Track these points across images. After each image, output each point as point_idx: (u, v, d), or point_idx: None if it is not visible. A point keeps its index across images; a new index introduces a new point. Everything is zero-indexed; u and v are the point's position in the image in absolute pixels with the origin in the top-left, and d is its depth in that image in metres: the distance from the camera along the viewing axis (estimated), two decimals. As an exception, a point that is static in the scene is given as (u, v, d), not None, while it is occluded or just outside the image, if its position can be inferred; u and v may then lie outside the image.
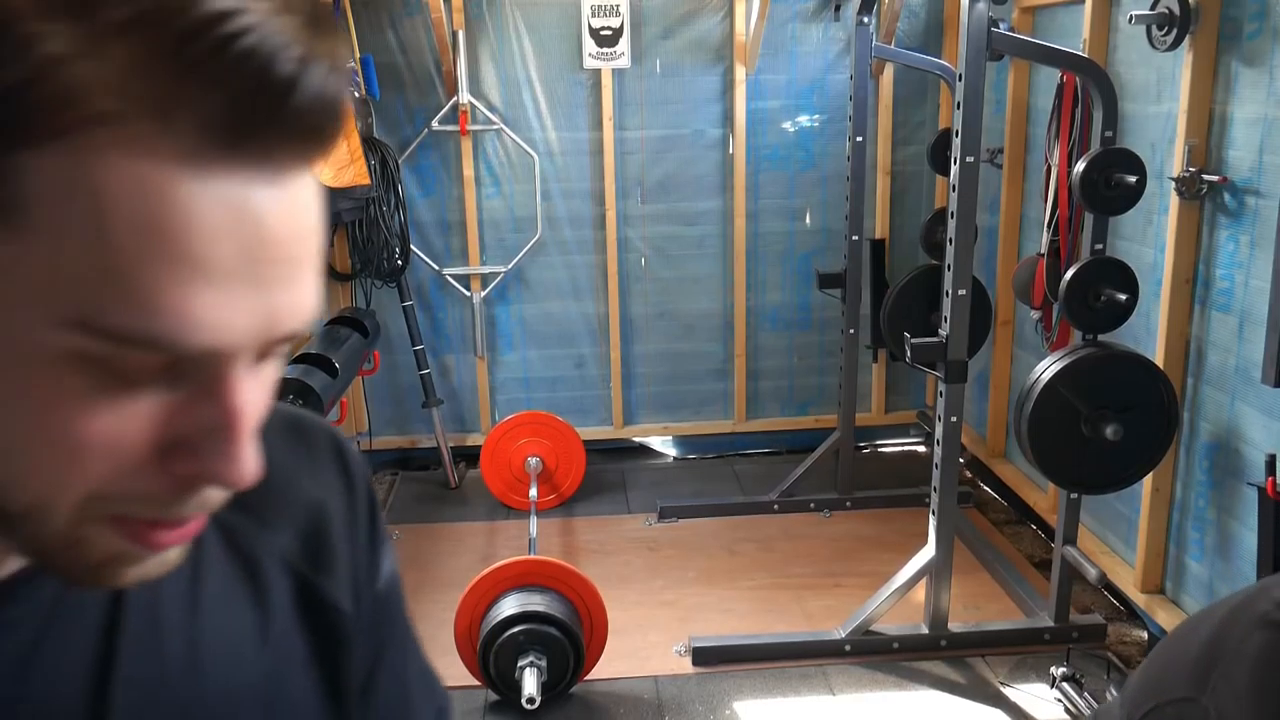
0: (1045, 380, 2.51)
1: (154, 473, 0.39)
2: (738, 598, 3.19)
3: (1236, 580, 2.53)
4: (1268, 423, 2.39)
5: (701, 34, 3.91)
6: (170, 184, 0.35)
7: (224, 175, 0.36)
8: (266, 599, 0.54)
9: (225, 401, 0.39)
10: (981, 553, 3.19)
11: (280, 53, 0.35)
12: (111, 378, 0.37)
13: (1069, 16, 3.21)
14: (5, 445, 0.38)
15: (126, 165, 0.34)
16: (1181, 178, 2.54)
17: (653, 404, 4.27)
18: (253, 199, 0.37)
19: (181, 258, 0.35)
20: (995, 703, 2.65)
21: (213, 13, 0.34)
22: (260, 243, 0.37)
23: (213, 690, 0.51)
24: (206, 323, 0.37)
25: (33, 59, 0.33)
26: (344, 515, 0.59)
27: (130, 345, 0.36)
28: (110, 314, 0.35)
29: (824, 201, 4.10)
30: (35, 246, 0.35)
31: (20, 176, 0.34)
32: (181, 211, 0.35)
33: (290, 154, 0.38)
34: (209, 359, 0.38)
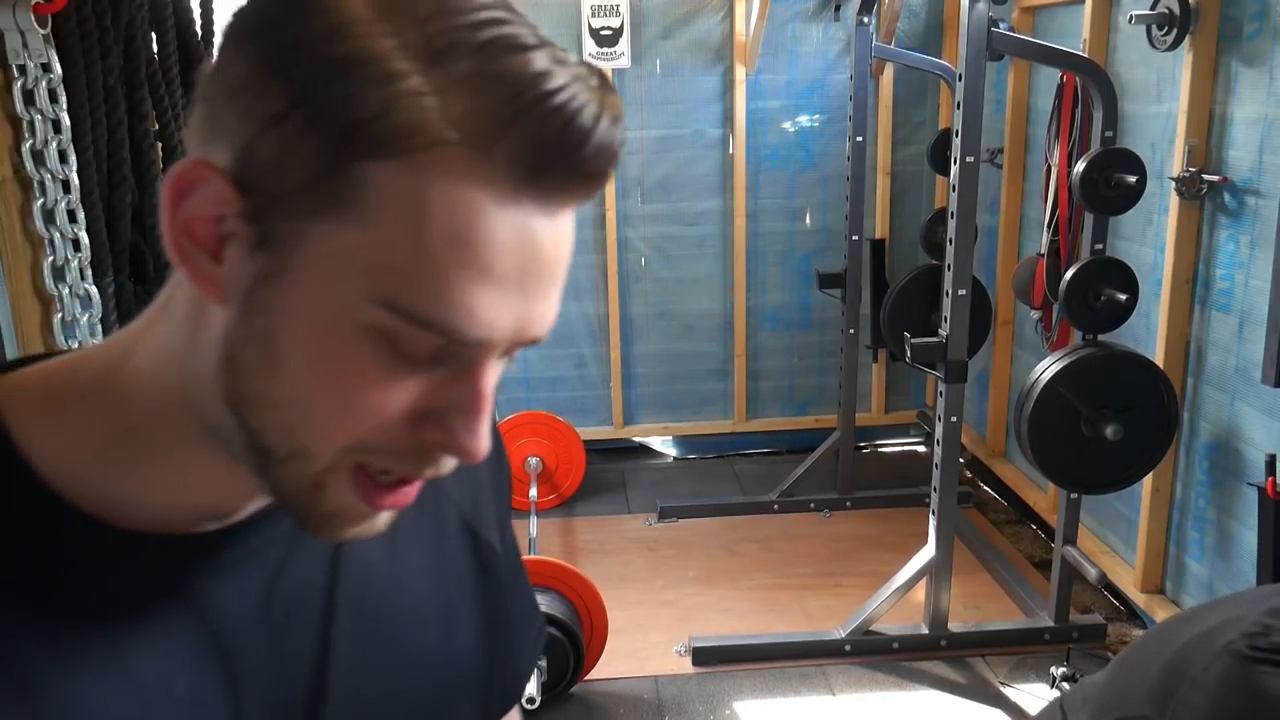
0: (1045, 380, 2.51)
1: (404, 436, 0.47)
2: (738, 598, 3.19)
3: (1237, 580, 2.53)
4: (1268, 423, 2.39)
5: (701, 34, 3.91)
6: (479, 203, 0.43)
7: (519, 203, 0.44)
8: (444, 542, 0.67)
9: (476, 385, 0.47)
10: (981, 553, 3.19)
11: (582, 110, 0.43)
12: (396, 353, 0.45)
13: (1069, 16, 3.21)
14: (296, 395, 0.46)
15: (449, 184, 0.43)
16: (1181, 178, 2.54)
17: (653, 404, 4.27)
18: (535, 225, 0.45)
19: (475, 263, 0.44)
20: (995, 703, 2.65)
21: (536, 73, 0.43)
22: (533, 261, 0.46)
23: (407, 606, 0.63)
24: (482, 319, 0.45)
25: (392, 91, 0.42)
26: (492, 475, 0.72)
27: (420, 327, 0.44)
28: (412, 299, 0.44)
29: (824, 201, 4.10)
30: (367, 236, 0.43)
31: (367, 180, 0.43)
32: (483, 226, 0.44)
33: (571, 192, 0.46)
34: (474, 348, 0.46)
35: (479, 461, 0.49)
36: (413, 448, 0.48)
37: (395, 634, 0.62)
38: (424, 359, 0.46)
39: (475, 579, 0.68)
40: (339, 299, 0.44)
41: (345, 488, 0.49)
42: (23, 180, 1.55)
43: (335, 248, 0.44)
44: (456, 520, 0.68)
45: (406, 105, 0.42)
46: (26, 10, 1.45)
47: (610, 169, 0.46)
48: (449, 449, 0.48)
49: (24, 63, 1.49)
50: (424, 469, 0.49)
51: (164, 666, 0.51)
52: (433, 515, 0.66)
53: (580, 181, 0.45)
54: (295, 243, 0.44)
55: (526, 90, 0.43)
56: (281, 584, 0.56)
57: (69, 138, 1.54)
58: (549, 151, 0.44)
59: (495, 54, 0.43)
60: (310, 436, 0.47)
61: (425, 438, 0.48)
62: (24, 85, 1.50)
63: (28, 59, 1.49)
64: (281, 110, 0.43)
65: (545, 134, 0.43)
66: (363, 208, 0.43)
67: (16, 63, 1.49)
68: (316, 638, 0.58)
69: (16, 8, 1.45)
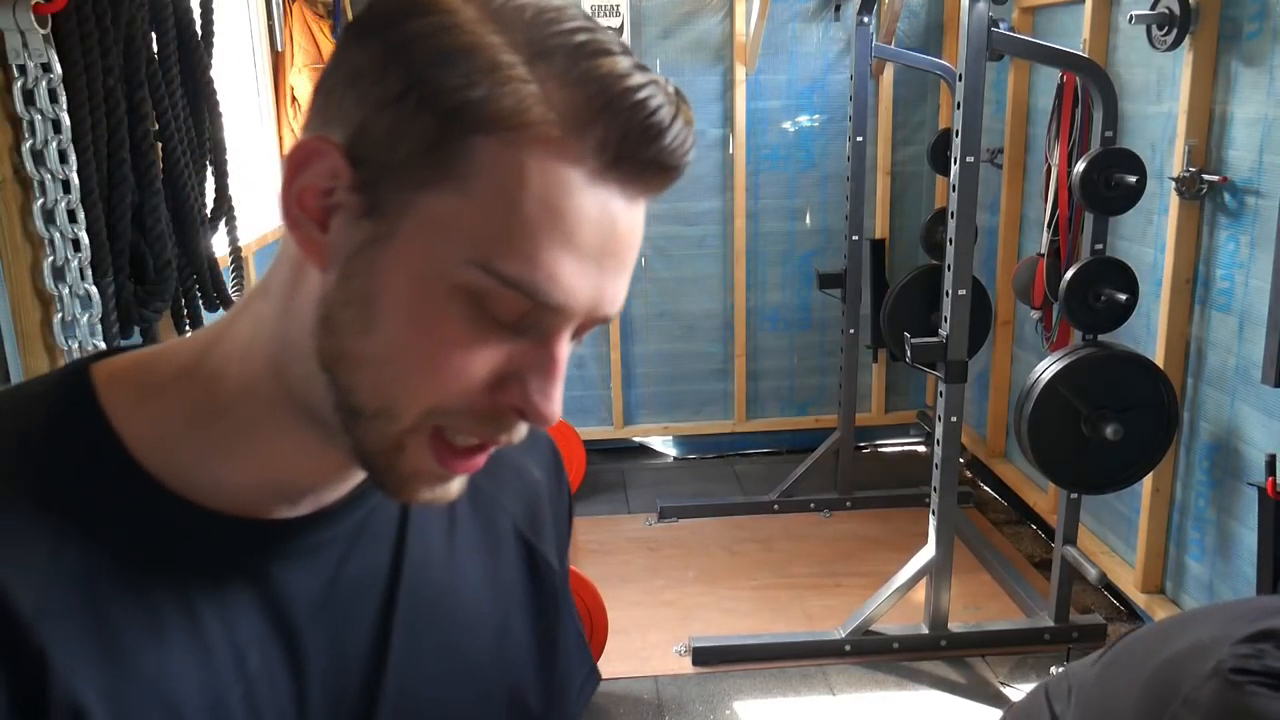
0: (1045, 380, 2.51)
1: (483, 399, 0.51)
2: (738, 598, 3.19)
3: (1237, 580, 2.53)
4: (1268, 423, 2.39)
5: (701, 34, 3.91)
6: (569, 179, 0.48)
7: (604, 184, 0.49)
8: (498, 550, 0.69)
9: (553, 351, 0.52)
10: (981, 553, 3.19)
11: (661, 108, 0.49)
12: (483, 315, 0.49)
13: (1069, 16, 3.21)
14: (388, 353, 0.50)
15: (544, 159, 0.48)
16: (1181, 178, 2.54)
17: (653, 404, 4.27)
18: (615, 207, 0.50)
19: (563, 232, 0.48)
20: (995, 703, 2.65)
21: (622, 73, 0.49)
22: (611, 239, 0.50)
23: (462, 608, 0.65)
24: (565, 284, 0.49)
25: (500, 76, 0.48)
26: (554, 497, 0.75)
27: (509, 287, 0.48)
28: (504, 260, 0.48)
29: (824, 201, 4.10)
30: (468, 204, 0.48)
31: (472, 153, 0.48)
32: (572, 200, 0.48)
33: (648, 182, 0.51)
34: (555, 315, 0.50)
35: (551, 424, 0.52)
36: (490, 411, 0.52)
37: (449, 634, 0.64)
38: (509, 322, 0.50)
39: (528, 590, 0.70)
40: (437, 261, 0.49)
41: (424, 449, 0.52)
42: (23, 180, 1.55)
43: (438, 214, 0.48)
44: (511, 529, 0.70)
45: (512, 89, 0.48)
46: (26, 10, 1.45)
47: (682, 165, 0.51)
48: (523, 411, 0.52)
49: (24, 63, 1.49)
50: (499, 434, 0.53)
51: (238, 643, 0.55)
52: (488, 522, 0.69)
53: (656, 172, 0.50)
54: (401, 210, 0.49)
55: (614, 86, 0.48)
56: (345, 575, 0.60)
57: (69, 138, 1.54)
58: (632, 140, 0.49)
59: (588, 55, 0.49)
60: (398, 394, 0.50)
61: (501, 400, 0.52)
62: (24, 85, 1.50)
63: (28, 59, 1.49)
64: (398, 92, 0.48)
65: (629, 124, 0.48)
66: (465, 178, 0.48)
67: (16, 63, 1.49)
68: (375, 631, 0.61)
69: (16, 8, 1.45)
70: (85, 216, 1.57)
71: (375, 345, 0.50)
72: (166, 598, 0.53)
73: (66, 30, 1.53)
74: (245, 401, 0.55)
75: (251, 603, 0.56)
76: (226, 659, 0.54)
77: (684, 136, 0.50)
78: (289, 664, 0.57)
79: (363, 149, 0.49)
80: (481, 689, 0.66)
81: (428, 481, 0.54)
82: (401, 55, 0.49)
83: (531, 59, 0.48)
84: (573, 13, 0.50)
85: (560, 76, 0.48)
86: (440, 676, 0.64)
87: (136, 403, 0.55)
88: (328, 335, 0.51)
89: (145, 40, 1.69)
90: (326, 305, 0.51)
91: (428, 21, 0.49)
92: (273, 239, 3.16)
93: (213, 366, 0.56)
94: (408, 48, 0.48)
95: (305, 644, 0.57)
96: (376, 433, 0.51)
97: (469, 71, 0.48)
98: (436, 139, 0.48)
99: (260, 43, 3.08)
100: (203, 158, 1.89)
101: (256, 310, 0.55)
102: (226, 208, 2.01)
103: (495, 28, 0.49)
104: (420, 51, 0.48)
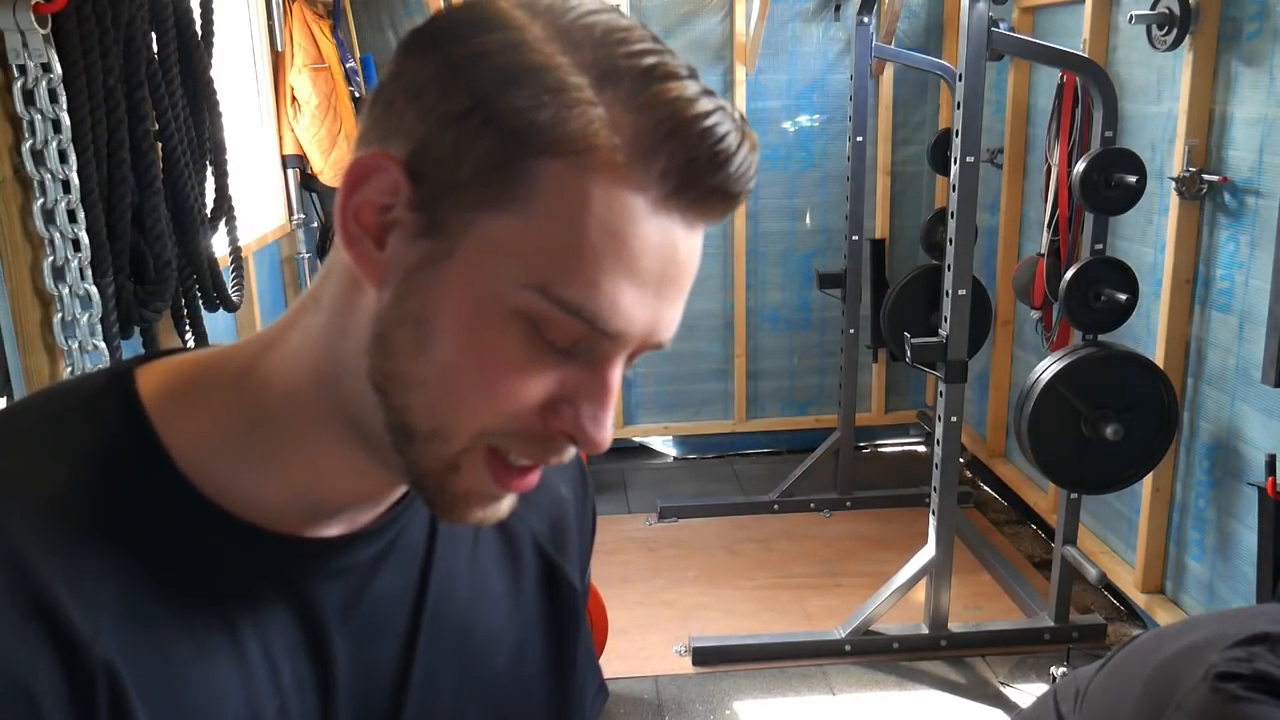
0: (1045, 380, 2.51)
1: (535, 422, 0.51)
2: (738, 598, 3.19)
3: (1237, 580, 2.53)
4: (1268, 423, 2.39)
5: (701, 34, 3.91)
6: (633, 206, 0.48)
7: (667, 211, 0.48)
8: (519, 565, 0.69)
9: (606, 377, 0.51)
10: (981, 553, 3.19)
11: (727, 136, 0.48)
12: (539, 339, 0.49)
13: (1069, 16, 3.21)
14: (443, 375, 0.49)
15: (609, 184, 0.47)
16: (1181, 178, 2.54)
17: (653, 404, 4.27)
18: (677, 234, 0.49)
19: (625, 258, 0.48)
20: (995, 703, 2.65)
21: (689, 98, 0.48)
22: (671, 266, 0.50)
23: (482, 628, 0.66)
24: (624, 311, 0.49)
25: (566, 99, 0.47)
26: (579, 514, 0.74)
27: (568, 313, 0.48)
28: (564, 285, 0.47)
29: (824, 201, 4.10)
30: (529, 226, 0.47)
31: (536, 176, 0.47)
32: (635, 227, 0.48)
33: (711, 209, 0.50)
34: (610, 341, 0.50)
35: (601, 450, 0.53)
36: (542, 434, 0.52)
37: (470, 651, 0.65)
38: (564, 347, 0.50)
39: (547, 607, 0.70)
40: (495, 283, 0.48)
41: (479, 469, 0.52)
42: (23, 180, 1.55)
43: (498, 236, 0.48)
44: (532, 547, 0.70)
45: (579, 113, 0.47)
46: (26, 10, 1.45)
47: (746, 192, 0.51)
48: (574, 435, 0.52)
49: (24, 63, 1.49)
50: (549, 455, 0.53)
51: (273, 657, 0.55)
52: (510, 537, 0.69)
53: (719, 199, 0.50)
54: (460, 230, 0.48)
55: (681, 112, 0.48)
56: (373, 593, 0.60)
57: (69, 138, 1.54)
58: (697, 168, 0.48)
59: (655, 79, 0.48)
60: (452, 416, 0.50)
61: (553, 424, 0.51)
62: (24, 85, 1.50)
63: (28, 59, 1.49)
64: (463, 110, 0.47)
65: (695, 152, 0.48)
66: (528, 200, 0.47)
67: (16, 63, 1.49)
68: (401, 648, 0.61)
69: (16, 8, 1.45)
70: (85, 216, 1.57)
71: (429, 366, 0.49)
72: (207, 611, 0.53)
73: (66, 30, 1.53)
74: (289, 415, 0.54)
75: (285, 617, 0.56)
76: (263, 672, 0.55)
77: (749, 163, 0.50)
78: (318, 678, 0.57)
79: (423, 166, 0.48)
80: (498, 706, 0.66)
81: (480, 501, 0.54)
82: (466, 72, 0.48)
83: (599, 81, 0.48)
84: (641, 33, 0.50)
85: (627, 101, 0.48)
86: (459, 693, 0.64)
87: (183, 411, 0.55)
88: (381, 354, 0.50)
89: (145, 40, 1.69)
90: (381, 324, 0.50)
91: (494, 39, 0.48)
92: (273, 239, 3.16)
93: (260, 377, 0.55)
94: (473, 64, 0.48)
95: (334, 659, 0.58)
96: (431, 454, 0.51)
97: (536, 93, 0.47)
98: (500, 160, 0.47)
99: (260, 43, 3.08)
100: (203, 158, 1.89)
101: (306, 323, 0.54)
102: (226, 208, 2.01)
103: (563, 47, 0.48)
104: (486, 69, 0.48)
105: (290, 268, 3.46)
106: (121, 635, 0.50)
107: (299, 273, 3.47)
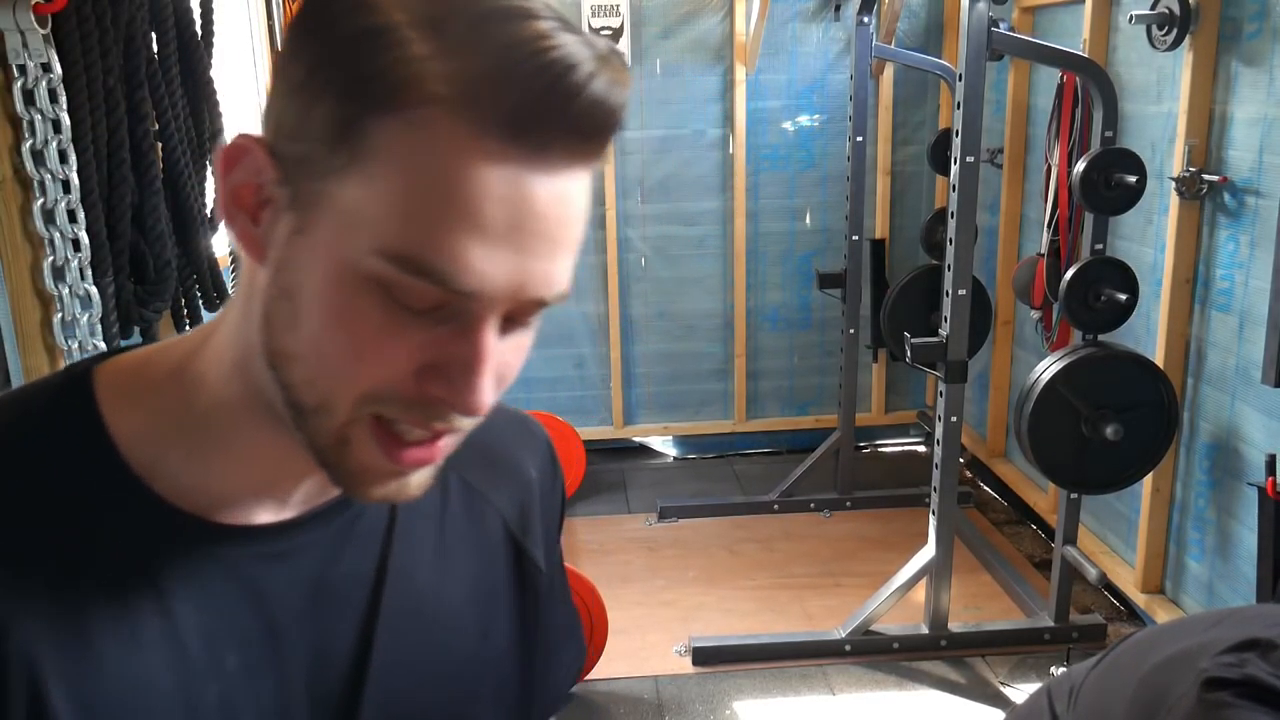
0: (1045, 380, 2.51)
1: (412, 388, 0.49)
2: (738, 598, 3.19)
3: (1237, 580, 2.53)
4: (1268, 423, 2.39)
5: (701, 34, 3.91)
6: (468, 156, 0.45)
7: (510, 158, 0.46)
8: (488, 551, 0.69)
9: (475, 340, 0.49)
10: (981, 553, 3.19)
11: (575, 68, 0.45)
12: (397, 304, 0.47)
13: (1069, 16, 3.21)
14: (314, 347, 0.49)
15: (441, 137, 0.45)
16: (1181, 178, 2.53)
17: (653, 404, 4.27)
18: (529, 181, 0.46)
19: (465, 214, 0.46)
20: (995, 703, 2.65)
21: (531, 35, 0.45)
22: (527, 217, 0.47)
23: (446, 610, 0.65)
24: (474, 269, 0.46)
25: (399, 53, 0.45)
26: (546, 494, 0.74)
27: (414, 275, 0.46)
28: (406, 247, 0.46)
29: (824, 201, 4.10)
30: (371, 189, 0.46)
31: (371, 136, 0.45)
32: (472, 178, 0.45)
33: (567, 150, 0.47)
34: (471, 302, 0.48)
35: (478, 415, 0.50)
36: (420, 400, 0.50)
37: (433, 636, 0.65)
38: (424, 310, 0.48)
39: (514, 590, 0.70)
40: (347, 251, 0.47)
41: (368, 442, 0.51)
42: (23, 180, 1.55)
43: (345, 202, 0.47)
44: (501, 530, 0.70)
45: (404, 63, 0.45)
46: (26, 10, 1.45)
47: (606, 128, 0.47)
48: (450, 403, 0.50)
49: (24, 63, 1.49)
50: (433, 422, 0.51)
51: (217, 643, 0.55)
52: (479, 524, 0.69)
53: (572, 138, 0.47)
54: (314, 200, 0.48)
55: (519, 49, 0.45)
56: (330, 577, 0.60)
57: (69, 138, 1.54)
58: (536, 106, 0.45)
59: (495, 20, 0.46)
60: (329, 388, 0.50)
61: (429, 390, 0.50)
62: (24, 85, 1.50)
63: (28, 59, 1.49)
64: (302, 78, 0.47)
65: (532, 89, 0.45)
66: (366, 162, 0.46)
67: (16, 63, 1.49)
68: (358, 632, 0.61)
69: (16, 8, 1.45)
70: (85, 216, 1.58)
71: (303, 340, 0.49)
72: (143, 599, 0.53)
73: (66, 30, 1.53)
74: (222, 405, 0.55)
75: (233, 604, 0.56)
76: (203, 659, 0.55)
77: (605, 96, 0.46)
78: (271, 663, 0.57)
79: (280, 140, 0.49)
80: (463, 690, 0.67)
81: (379, 478, 0.53)
82: (309, 41, 0.48)
83: (433, 30, 0.46)
84: None
85: (459, 46, 0.45)
86: (422, 678, 0.64)
87: (131, 403, 0.56)
88: (267, 331, 0.51)
89: (145, 40, 1.69)
90: (264, 301, 0.50)
91: (342, 6, 0.47)
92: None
93: (197, 369, 0.56)
94: (317, 33, 0.48)
95: (288, 644, 0.58)
96: (321, 429, 0.51)
97: (366, 49, 0.46)
98: (337, 123, 0.46)
99: (260, 43, 3.08)
100: (203, 158, 1.89)
101: (231, 314, 0.55)
102: (226, 208, 2.01)
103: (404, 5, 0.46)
104: (325, 35, 0.47)
105: (290, 268, 3.46)
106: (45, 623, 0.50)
107: (299, 273, 3.47)
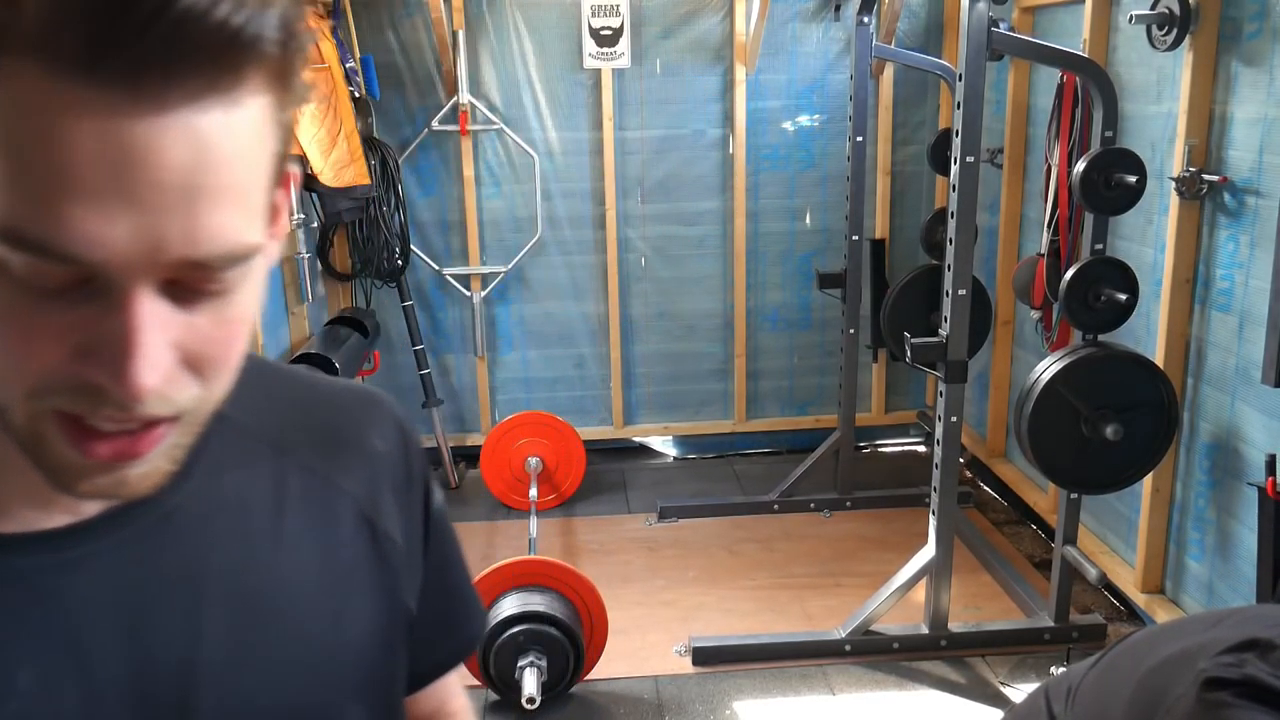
0: (1045, 380, 2.51)
1: (73, 374, 0.44)
2: (738, 598, 3.19)
3: (1237, 580, 2.53)
4: (1268, 423, 2.39)
5: (701, 34, 3.91)
6: (50, 109, 0.39)
7: (96, 105, 0.39)
8: (335, 534, 0.65)
9: (123, 317, 0.43)
10: (981, 553, 3.19)
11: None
12: (22, 286, 0.42)
13: (1069, 16, 3.21)
14: None
15: (19, 93, 0.39)
16: (1181, 178, 2.54)
17: (653, 404, 4.27)
18: (127, 128, 0.40)
19: (59, 175, 0.40)
20: (995, 703, 2.65)
21: None
22: (134, 168, 0.41)
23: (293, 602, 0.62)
24: (82, 235, 0.40)
25: None
26: (396, 463, 0.70)
27: (23, 250, 0.41)
28: (9, 221, 0.40)
29: (824, 201, 4.10)
30: None
31: None
32: (59, 133, 0.39)
33: (172, 83, 0.40)
34: (105, 272, 0.42)
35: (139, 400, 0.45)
36: (86, 387, 0.45)
37: (275, 629, 0.61)
38: (60, 289, 0.43)
39: (372, 569, 0.67)
40: None
41: (58, 437, 0.46)
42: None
43: None
44: (352, 511, 0.67)
45: None
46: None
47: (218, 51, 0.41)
48: (107, 388, 0.44)
49: None
50: (104, 409, 0.45)
51: (5, 661, 0.52)
52: (322, 508, 0.65)
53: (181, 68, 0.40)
54: None
55: None
56: (144, 577, 0.56)
57: None
58: (109, 36, 0.39)
59: None
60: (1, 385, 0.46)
61: (87, 375, 0.44)
62: None
63: None
64: None
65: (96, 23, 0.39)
66: None
67: None
68: (183, 630, 0.57)
69: None
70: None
71: None
72: None
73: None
74: None
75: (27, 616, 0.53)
76: None
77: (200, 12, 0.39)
78: (73, 677, 0.54)
79: None
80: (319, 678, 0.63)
81: (82, 473, 0.48)
82: None
83: None
84: None
85: None
86: (268, 672, 0.60)
87: None
88: None
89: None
90: None
91: None
92: (272, 239, 3.15)
93: None
94: None
95: (98, 653, 0.54)
96: (13, 429, 0.47)
97: None
98: None
99: (260, 43, 3.08)
100: None
101: None
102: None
103: None
104: None
105: (290, 267, 3.46)
106: None
107: (298, 272, 3.47)
